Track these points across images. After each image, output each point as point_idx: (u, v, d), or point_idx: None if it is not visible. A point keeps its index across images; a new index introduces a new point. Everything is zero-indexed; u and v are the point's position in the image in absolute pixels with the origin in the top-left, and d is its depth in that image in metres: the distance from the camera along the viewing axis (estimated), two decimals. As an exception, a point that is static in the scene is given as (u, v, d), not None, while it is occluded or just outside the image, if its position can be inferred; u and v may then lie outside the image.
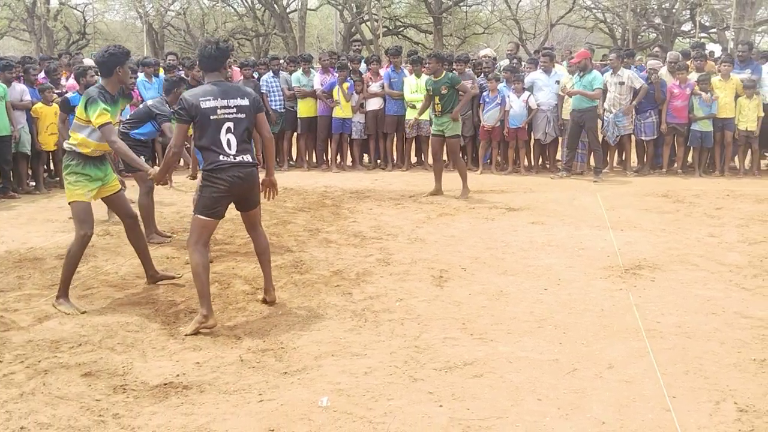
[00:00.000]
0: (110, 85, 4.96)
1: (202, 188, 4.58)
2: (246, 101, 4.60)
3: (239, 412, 3.42)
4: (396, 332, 4.45)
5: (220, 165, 4.50)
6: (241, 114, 4.57)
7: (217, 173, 4.50)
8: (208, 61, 4.64)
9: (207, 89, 4.55)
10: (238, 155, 4.54)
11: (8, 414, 3.39)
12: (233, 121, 4.53)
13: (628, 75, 10.53)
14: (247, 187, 4.66)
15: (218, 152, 4.50)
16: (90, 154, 5.01)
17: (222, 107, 4.50)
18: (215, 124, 4.48)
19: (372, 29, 24.56)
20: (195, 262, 4.56)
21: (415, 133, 11.38)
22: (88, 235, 4.97)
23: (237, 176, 4.54)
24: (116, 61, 4.92)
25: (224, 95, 4.53)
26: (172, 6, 27.39)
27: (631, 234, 6.98)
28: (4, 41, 25.33)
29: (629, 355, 4.08)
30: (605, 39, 27.62)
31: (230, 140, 4.52)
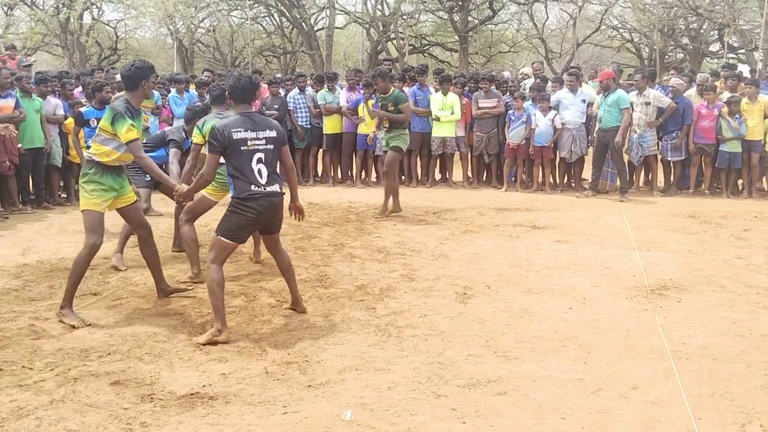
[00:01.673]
0: (135, 99, 5.06)
1: (231, 214, 4.68)
2: (274, 133, 4.76)
3: (264, 423, 3.45)
4: (419, 348, 4.47)
5: (252, 195, 4.63)
6: (270, 145, 4.72)
7: (247, 202, 4.64)
8: (241, 93, 4.76)
9: (239, 120, 4.67)
10: (268, 185, 4.69)
11: (38, 420, 3.46)
12: (263, 152, 4.68)
13: (654, 95, 10.50)
14: (273, 216, 4.82)
15: (250, 182, 4.63)
16: (109, 164, 5.06)
17: (252, 139, 4.64)
18: (246, 154, 4.63)
19: (398, 47, 24.72)
20: (211, 278, 4.63)
21: (440, 151, 11.42)
22: (97, 245, 5.00)
23: (266, 205, 4.69)
24: (142, 75, 5.04)
25: (254, 127, 4.68)
26: (202, 23, 27.80)
27: (657, 254, 6.93)
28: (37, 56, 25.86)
29: (654, 376, 4.05)
30: (632, 59, 27.51)
31: (261, 170, 4.67)
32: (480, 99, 11.30)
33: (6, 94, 8.95)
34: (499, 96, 11.33)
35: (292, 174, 5.12)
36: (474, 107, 11.32)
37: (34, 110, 9.42)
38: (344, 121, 11.61)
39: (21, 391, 3.78)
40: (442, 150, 11.46)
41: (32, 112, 9.37)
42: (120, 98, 5.10)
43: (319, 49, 25.22)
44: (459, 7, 23.75)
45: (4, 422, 3.42)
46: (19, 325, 4.85)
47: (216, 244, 4.71)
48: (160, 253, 5.60)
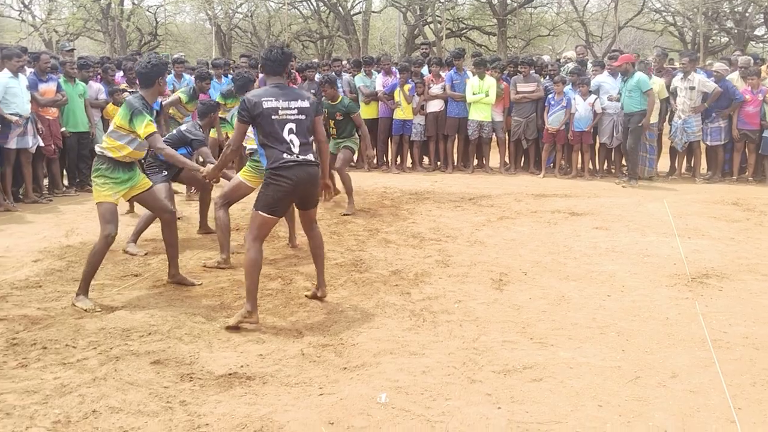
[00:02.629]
0: (150, 95, 5.09)
1: (266, 186, 4.64)
2: (306, 103, 4.70)
3: (300, 404, 3.49)
4: (454, 333, 4.47)
5: (285, 163, 4.56)
6: (302, 115, 4.66)
7: (281, 171, 4.56)
8: (272, 65, 4.73)
9: (269, 90, 4.66)
10: (301, 154, 4.61)
11: (81, 397, 3.55)
12: (295, 122, 4.62)
13: (699, 79, 10.26)
14: (310, 187, 4.73)
15: (282, 150, 4.57)
16: (120, 159, 5.08)
17: (283, 108, 4.60)
18: (278, 123, 4.57)
19: (435, 31, 24.56)
20: (250, 259, 4.60)
21: (476, 135, 11.36)
22: (112, 236, 5.02)
23: (301, 175, 4.60)
24: (158, 72, 5.07)
25: (286, 97, 4.64)
26: (240, 8, 27.97)
27: (699, 242, 6.80)
28: (79, 41, 26.31)
29: (694, 365, 3.99)
30: (675, 43, 26.91)
31: (293, 140, 4.60)
32: (518, 83, 11.17)
33: (47, 78, 9.12)
34: (538, 80, 11.19)
35: (325, 147, 5.05)
36: (512, 92, 11.21)
37: (78, 95, 9.61)
38: (380, 106, 11.60)
39: (65, 369, 3.88)
40: (479, 134, 11.37)
41: (76, 97, 9.56)
42: (135, 95, 5.12)
43: (355, 33, 25.19)
44: (497, -9, 23.49)
45: (48, 399, 3.52)
46: (63, 304, 4.98)
47: (255, 220, 4.66)
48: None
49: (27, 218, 7.99)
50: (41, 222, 7.81)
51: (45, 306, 4.94)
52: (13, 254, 6.37)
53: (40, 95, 8.95)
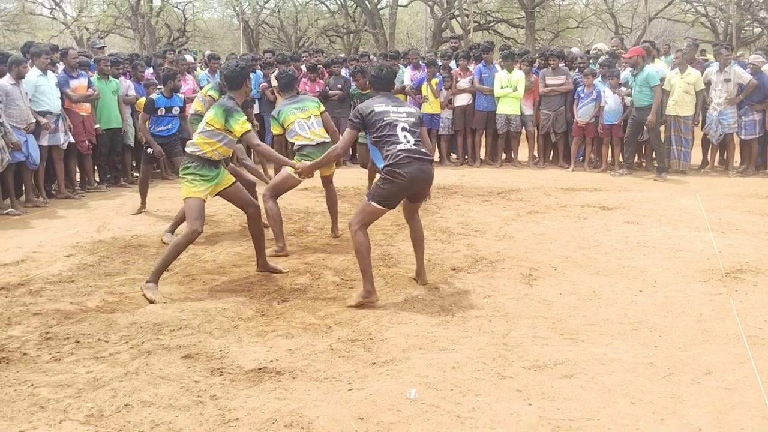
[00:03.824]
0: (239, 96, 5.26)
1: (384, 181, 4.79)
2: (414, 109, 5.09)
3: (330, 399, 3.49)
4: (483, 329, 4.44)
5: (402, 159, 4.73)
6: (412, 118, 4.95)
7: (398, 168, 4.73)
8: (381, 82, 5.10)
9: (378, 99, 5.00)
10: (416, 146, 4.83)
11: (114, 391, 3.59)
12: (406, 123, 4.88)
13: (735, 71, 10.06)
14: (424, 185, 4.95)
15: (396, 143, 4.79)
16: (210, 155, 5.24)
17: (394, 112, 4.90)
18: (390, 123, 4.84)
19: (462, 24, 24.41)
20: (359, 242, 4.82)
21: (504, 129, 11.29)
22: (197, 232, 5.14)
23: (417, 174, 4.78)
24: (246, 74, 5.30)
25: (395, 104, 4.99)
26: (267, 4, 28.09)
27: (733, 236, 6.68)
28: (109, 38, 26.64)
29: (729, 362, 3.92)
30: (706, 34, 26.43)
31: (407, 136, 4.84)
32: (547, 76, 11.07)
33: (78, 74, 9.24)
34: (567, 73, 11.07)
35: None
36: (541, 84, 11.10)
37: (111, 91, 9.73)
38: (408, 100, 11.55)
39: (97, 363, 3.93)
40: (507, 128, 11.29)
41: (109, 94, 9.68)
42: (225, 96, 5.28)
43: (382, 27, 25.15)
44: (525, -17, 23.27)
45: (81, 392, 3.57)
46: (95, 299, 5.04)
47: (365, 209, 4.86)
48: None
49: (59, 214, 8.11)
50: (73, 217, 7.93)
51: (77, 300, 5.00)
52: (46, 249, 6.47)
53: (71, 91, 9.07)
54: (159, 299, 4.94)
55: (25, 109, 8.16)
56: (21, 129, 8.10)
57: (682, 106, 10.12)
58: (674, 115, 10.18)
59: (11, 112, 8.01)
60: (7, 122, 7.85)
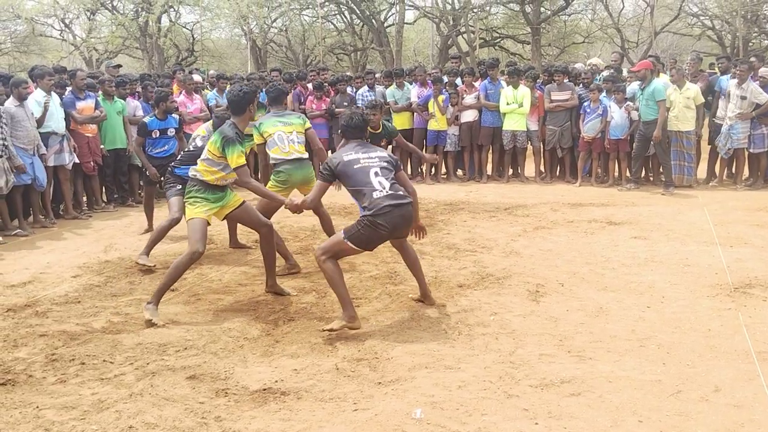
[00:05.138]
0: (242, 122, 5.14)
1: (364, 227, 4.67)
2: (385, 155, 4.93)
3: (335, 420, 3.47)
4: (490, 347, 4.41)
5: (382, 209, 4.61)
6: (384, 163, 4.83)
7: (379, 219, 4.62)
8: (353, 131, 5.00)
9: (349, 147, 4.94)
10: (392, 189, 4.72)
11: (118, 413, 3.58)
12: (378, 168, 4.77)
13: (752, 89, 9.97)
14: (404, 228, 4.86)
15: (372, 189, 4.68)
16: (213, 182, 5.18)
17: (364, 158, 4.81)
18: (362, 170, 4.74)
19: (468, 41, 24.52)
20: (329, 271, 4.69)
21: (511, 145, 11.30)
22: (199, 252, 5.05)
23: (398, 222, 4.69)
24: (250, 99, 5.12)
25: (366, 150, 4.90)
26: (275, 23, 28.30)
27: (742, 251, 6.63)
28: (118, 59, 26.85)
29: (737, 378, 3.87)
30: (713, 47, 26.44)
31: (381, 182, 4.72)
32: (553, 92, 11.07)
33: (85, 95, 9.32)
34: (572, 88, 11.08)
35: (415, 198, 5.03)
36: (546, 100, 11.11)
37: (116, 112, 9.80)
38: (414, 117, 11.59)
39: (102, 384, 3.93)
40: (513, 144, 11.30)
41: (114, 114, 9.74)
42: (228, 123, 5.15)
43: (389, 45, 25.29)
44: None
45: (86, 414, 3.56)
46: (101, 320, 5.04)
47: (338, 245, 4.73)
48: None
49: (66, 234, 8.15)
50: (80, 238, 7.96)
51: (83, 321, 5.01)
52: (53, 270, 6.49)
53: (77, 113, 9.14)
54: (158, 321, 4.89)
55: (31, 130, 8.23)
56: (27, 151, 8.15)
57: (683, 121, 10.07)
58: (676, 131, 10.14)
59: (17, 134, 8.08)
60: (12, 145, 7.90)
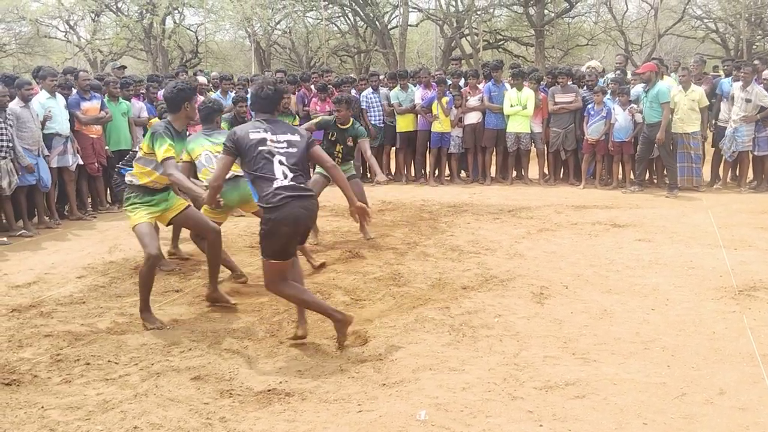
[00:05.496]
0: (177, 121, 4.94)
1: (267, 235, 4.29)
2: (297, 137, 4.46)
3: (339, 421, 3.47)
4: (494, 349, 4.41)
5: (280, 201, 4.21)
6: (293, 149, 4.39)
7: (277, 215, 4.21)
8: (263, 102, 4.53)
9: (256, 123, 4.48)
10: (294, 182, 4.31)
11: (123, 414, 3.59)
12: (285, 155, 4.34)
13: (757, 92, 9.96)
14: (309, 222, 4.46)
15: (272, 179, 4.27)
16: (149, 185, 5.02)
17: (272, 140, 4.36)
18: (266, 157, 4.30)
19: (472, 43, 24.52)
20: (288, 295, 4.43)
21: (514, 147, 11.30)
22: (153, 256, 4.86)
23: (298, 213, 4.28)
24: (184, 96, 4.89)
25: (274, 130, 4.42)
26: (279, 25, 28.33)
27: (746, 253, 6.62)
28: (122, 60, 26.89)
29: (742, 381, 3.87)
30: (717, 50, 26.39)
31: (285, 171, 4.31)
32: (557, 94, 11.08)
33: (90, 96, 9.34)
34: (576, 91, 11.08)
35: (335, 171, 4.67)
36: (550, 102, 11.11)
37: (121, 113, 9.82)
38: (418, 119, 11.60)
39: (107, 385, 3.94)
40: (517, 146, 11.30)
41: (119, 115, 9.77)
42: (162, 120, 5.00)
43: (392, 47, 25.28)
44: (535, 1, 23.34)
45: (91, 415, 3.57)
46: (106, 320, 5.05)
47: (268, 269, 4.39)
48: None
49: (71, 235, 8.17)
50: (85, 239, 7.98)
51: (88, 322, 5.02)
52: (58, 270, 6.51)
53: (82, 113, 9.17)
54: (159, 325, 4.87)
55: (36, 131, 8.26)
56: (32, 151, 8.18)
57: (688, 122, 10.05)
58: (681, 133, 10.12)
59: (22, 134, 8.10)
60: (18, 145, 7.93)
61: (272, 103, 4.56)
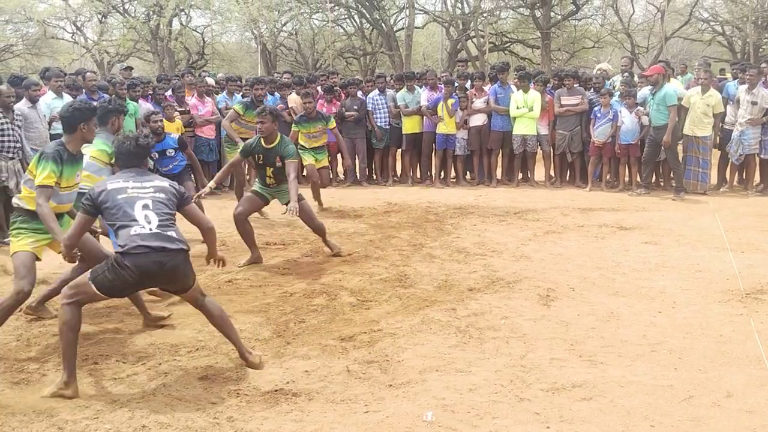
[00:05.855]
0: (72, 142, 4.54)
1: (109, 269, 3.88)
2: (167, 185, 4.17)
3: (346, 421, 3.48)
4: (501, 350, 4.41)
5: (134, 248, 3.82)
6: (160, 194, 4.07)
7: (127, 259, 3.82)
8: (125, 158, 4.24)
9: (121, 175, 4.18)
10: (159, 229, 3.93)
11: (131, 413, 3.60)
12: (150, 200, 4.01)
13: (763, 95, 9.94)
14: (168, 278, 4.00)
15: (131, 225, 3.90)
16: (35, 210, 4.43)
17: (135, 187, 4.05)
18: (127, 201, 3.97)
19: (478, 46, 24.52)
20: (63, 319, 3.86)
21: (521, 149, 11.30)
22: (24, 292, 4.38)
23: (150, 267, 3.86)
24: (80, 117, 4.53)
25: (137, 179, 4.12)
26: (285, 27, 28.37)
27: (753, 257, 6.61)
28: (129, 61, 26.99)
29: (749, 384, 3.87)
30: (723, 53, 26.33)
31: (148, 216, 3.95)
32: (563, 96, 11.07)
33: (99, 97, 9.37)
34: (582, 93, 11.07)
35: (210, 234, 4.42)
36: (556, 105, 11.11)
37: (128, 114, 9.83)
38: (424, 120, 11.60)
39: (115, 384, 3.95)
40: (523, 148, 11.30)
41: (126, 117, 9.76)
42: (55, 141, 4.59)
43: (398, 49, 25.29)
44: (541, 3, 23.33)
45: (99, 414, 3.59)
46: (114, 320, 5.07)
47: (83, 287, 3.92)
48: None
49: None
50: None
51: (96, 321, 5.04)
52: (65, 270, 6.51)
53: (90, 115, 9.19)
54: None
55: (43, 131, 8.29)
56: None
57: (699, 126, 10.03)
58: (692, 136, 10.10)
59: (30, 135, 8.14)
60: (27, 146, 7.96)
61: (137, 158, 4.25)
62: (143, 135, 4.33)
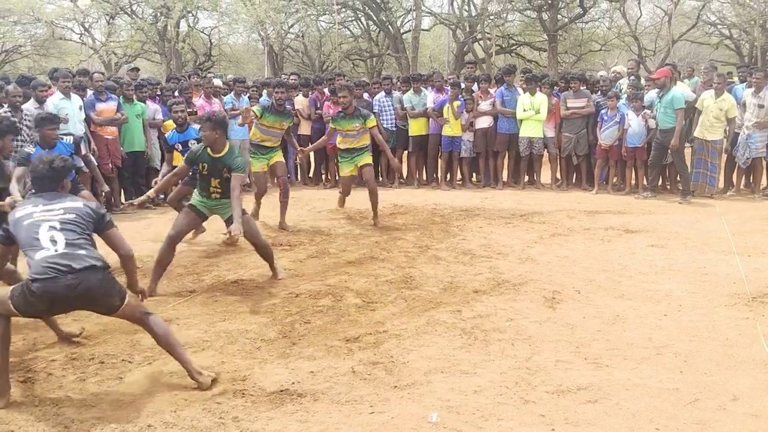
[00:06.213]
0: None
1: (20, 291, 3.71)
2: (79, 205, 3.98)
3: (351, 422, 3.49)
4: (506, 352, 4.41)
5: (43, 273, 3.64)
6: (70, 214, 3.88)
7: (33, 285, 3.65)
8: (40, 183, 4.03)
9: (31, 200, 4.02)
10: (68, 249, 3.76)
11: (137, 412, 3.62)
12: (58, 221, 3.82)
13: None
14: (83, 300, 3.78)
15: (37, 249, 3.72)
16: None
17: (43, 210, 3.86)
18: (31, 227, 3.79)
19: (485, 48, 24.52)
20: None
21: (527, 152, 11.29)
22: None
23: (64, 290, 3.67)
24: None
25: (51, 202, 3.92)
26: (292, 29, 28.43)
27: (760, 260, 6.58)
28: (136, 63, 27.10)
29: (755, 388, 3.85)
30: (731, 56, 26.28)
31: (54, 237, 3.77)
32: (569, 99, 11.06)
33: (107, 97, 9.42)
34: (588, 96, 11.06)
35: (131, 263, 4.31)
36: (562, 107, 11.10)
37: (135, 115, 9.89)
38: (430, 122, 11.61)
39: (121, 383, 3.97)
40: (530, 151, 11.29)
41: (133, 117, 9.84)
42: None
43: (405, 51, 25.31)
44: (548, 6, 23.31)
45: (104, 412, 3.60)
46: (118, 320, 5.07)
47: (4, 303, 3.74)
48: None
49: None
50: (98, 239, 8.00)
51: (102, 321, 5.04)
52: (73, 270, 6.54)
53: (96, 115, 9.23)
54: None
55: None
56: None
57: (710, 130, 9.98)
58: (702, 139, 10.07)
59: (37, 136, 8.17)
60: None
61: (51, 182, 4.01)
62: (59, 158, 4.08)
